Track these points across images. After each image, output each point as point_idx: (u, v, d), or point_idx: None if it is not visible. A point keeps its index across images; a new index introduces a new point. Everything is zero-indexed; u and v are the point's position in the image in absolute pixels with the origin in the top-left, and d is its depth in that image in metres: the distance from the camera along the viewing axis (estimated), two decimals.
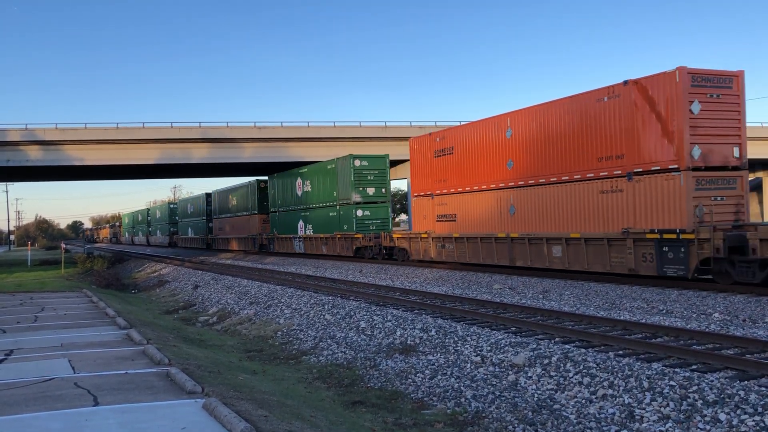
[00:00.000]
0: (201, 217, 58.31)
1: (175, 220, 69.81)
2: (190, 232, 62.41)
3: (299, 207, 38.20)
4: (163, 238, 73.51)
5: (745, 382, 7.53)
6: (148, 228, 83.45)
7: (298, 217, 38.36)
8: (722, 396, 7.14)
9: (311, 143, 45.20)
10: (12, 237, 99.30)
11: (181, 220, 66.91)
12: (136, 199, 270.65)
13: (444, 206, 24.97)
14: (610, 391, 7.95)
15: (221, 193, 52.64)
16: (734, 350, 9.40)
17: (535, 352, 9.68)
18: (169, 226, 70.91)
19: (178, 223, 68.05)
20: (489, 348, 10.37)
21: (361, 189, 31.92)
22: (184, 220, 65.21)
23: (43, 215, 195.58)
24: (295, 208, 38.86)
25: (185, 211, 65.25)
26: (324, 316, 15.16)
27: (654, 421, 7.05)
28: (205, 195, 57.37)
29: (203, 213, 57.38)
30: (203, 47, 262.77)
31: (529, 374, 9.06)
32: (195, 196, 64.83)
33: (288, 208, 39.84)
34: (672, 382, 7.70)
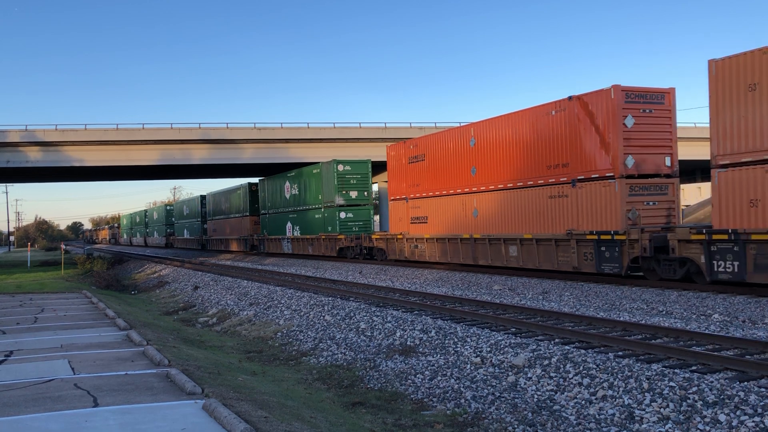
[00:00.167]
0: (196, 218, 59.32)
1: (171, 221, 70.96)
2: (186, 233, 63.50)
3: (288, 209, 39.31)
4: (160, 239, 74.64)
5: (745, 383, 7.53)
6: (146, 229, 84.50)
7: (287, 219, 39.44)
8: (722, 397, 7.14)
9: (311, 144, 45.20)
10: (12, 238, 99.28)
11: (177, 221, 68.03)
12: (135, 200, 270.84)
13: (417, 209, 26.62)
14: (610, 392, 7.95)
15: (215, 195, 53.69)
16: (734, 351, 9.41)
17: (535, 353, 9.68)
18: (166, 228, 72.03)
19: (175, 225, 69.16)
20: (489, 349, 10.37)
21: (345, 192, 33.26)
22: (180, 221, 66.33)
23: (42, 216, 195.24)
24: (283, 210, 39.97)
25: (181, 212, 66.40)
26: (324, 317, 15.16)
27: (654, 422, 7.05)
28: (200, 197, 58.45)
29: (198, 215, 58.40)
30: (203, 48, 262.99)
31: (529, 375, 9.07)
32: (190, 198, 66.08)
33: (277, 210, 40.94)
34: (672, 383, 7.70)
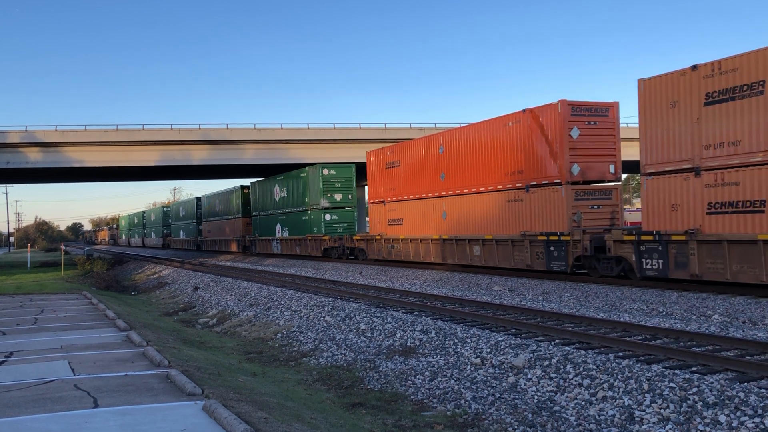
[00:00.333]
0: (192, 220, 60.58)
1: (168, 222, 72.34)
2: (182, 234, 64.70)
3: (277, 211, 40.71)
4: (157, 239, 75.94)
5: (745, 383, 7.53)
6: (144, 230, 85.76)
7: (276, 220, 40.79)
8: (722, 398, 7.13)
9: (311, 145, 45.17)
10: (12, 239, 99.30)
11: (173, 222, 69.35)
12: (135, 201, 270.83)
13: (393, 212, 28.38)
14: (610, 393, 7.95)
15: (210, 197, 55.06)
16: (734, 352, 9.40)
17: (535, 354, 9.68)
18: (163, 229, 73.33)
19: (171, 226, 70.50)
20: (489, 350, 10.36)
21: (329, 195, 34.87)
22: (177, 222, 67.63)
23: (42, 217, 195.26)
24: (273, 212, 41.37)
25: (177, 214, 67.77)
26: (324, 317, 15.15)
27: (654, 423, 7.04)
28: (196, 199, 59.92)
29: (194, 216, 59.74)
30: (203, 49, 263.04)
31: (529, 376, 9.06)
32: (186, 200, 67.67)
33: (267, 212, 42.38)
34: (672, 384, 7.69)
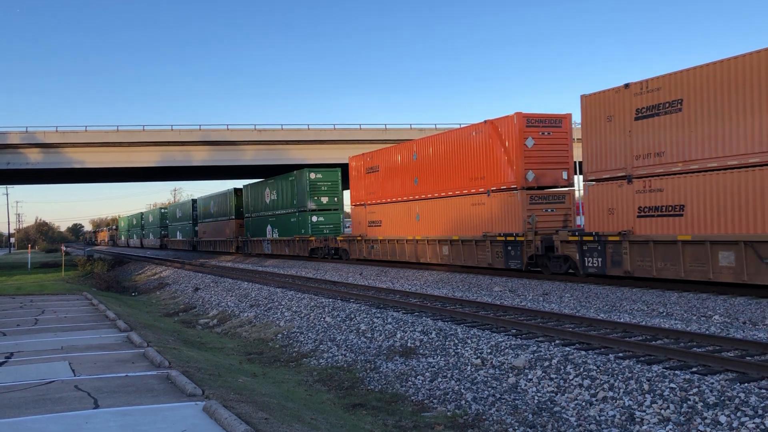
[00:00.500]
0: (188, 221, 62.10)
1: (165, 224, 73.89)
2: (179, 235, 66.17)
3: (268, 213, 42.12)
4: (155, 240, 77.46)
5: (746, 384, 7.52)
6: (142, 231, 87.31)
7: (267, 222, 42.14)
8: (722, 398, 7.13)
9: (311, 146, 45.20)
10: (12, 240, 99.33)
11: (170, 224, 70.94)
12: (136, 202, 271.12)
13: (373, 214, 30.08)
14: (611, 394, 7.95)
15: (205, 199, 56.62)
16: (735, 352, 9.40)
17: (536, 355, 9.67)
18: (161, 230, 74.81)
19: (168, 227, 72.10)
20: (489, 350, 10.36)
21: (316, 198, 36.48)
22: (174, 223, 69.13)
23: (43, 218, 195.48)
24: (264, 214, 42.76)
25: (174, 215, 69.35)
26: (324, 318, 15.15)
27: (654, 424, 7.04)
28: (192, 201, 61.63)
29: (190, 217, 61.26)
30: (204, 50, 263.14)
31: (530, 376, 9.06)
32: (183, 202, 69.06)
33: (259, 214, 43.78)
34: (672, 385, 7.69)
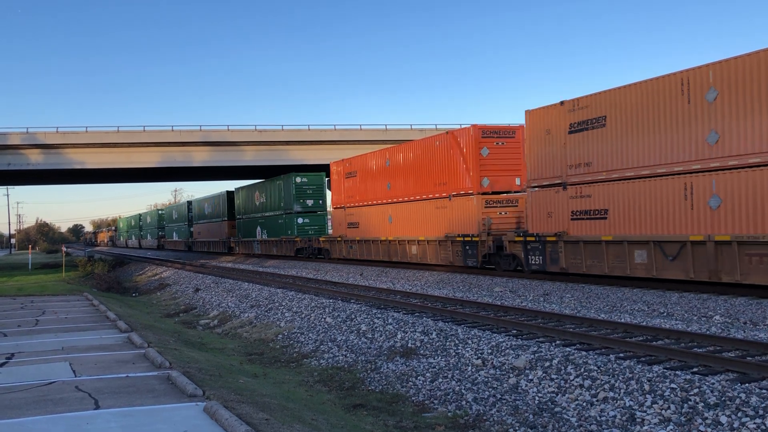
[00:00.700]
0: (184, 222, 63.58)
1: (162, 225, 75.41)
2: (175, 236, 67.76)
3: (257, 215, 43.85)
4: (153, 241, 79.05)
5: (747, 384, 7.52)
6: (140, 232, 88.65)
7: (257, 223, 43.88)
8: (723, 399, 7.13)
9: (312, 146, 45.22)
10: (13, 240, 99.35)
11: (167, 225, 72.59)
12: (136, 203, 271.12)
13: (351, 216, 32.09)
14: (611, 394, 7.94)
15: (200, 201, 58.31)
16: (735, 353, 9.39)
17: (536, 355, 9.67)
18: (158, 231, 76.25)
19: (165, 228, 73.72)
20: (490, 351, 10.36)
21: (302, 201, 38.34)
22: (170, 225, 70.78)
23: (43, 219, 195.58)
24: (254, 216, 44.51)
25: (171, 217, 71.07)
26: (325, 319, 15.15)
27: (655, 424, 7.03)
28: (187, 203, 63.27)
29: (185, 219, 62.70)
30: (204, 51, 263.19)
31: (530, 377, 9.05)
32: (179, 204, 71.10)
33: (249, 216, 45.57)
34: (673, 385, 7.68)
